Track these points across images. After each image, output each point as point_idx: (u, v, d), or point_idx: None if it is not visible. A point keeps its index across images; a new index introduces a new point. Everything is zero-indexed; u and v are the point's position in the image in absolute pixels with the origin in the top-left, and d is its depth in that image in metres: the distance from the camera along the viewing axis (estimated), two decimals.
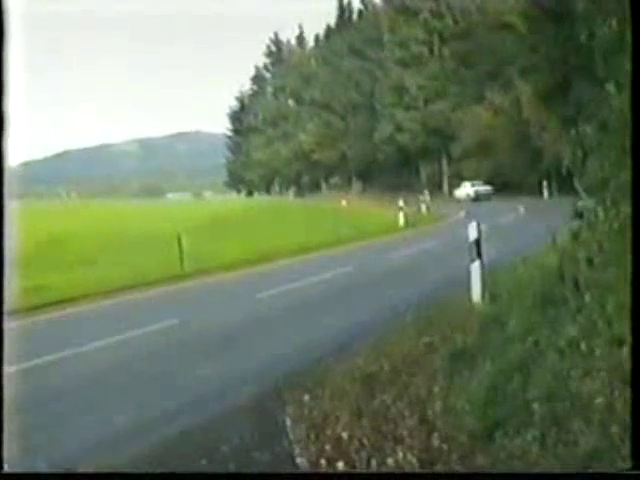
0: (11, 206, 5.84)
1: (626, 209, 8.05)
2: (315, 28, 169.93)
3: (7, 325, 6.00)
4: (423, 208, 54.51)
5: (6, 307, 5.72)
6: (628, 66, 8.14)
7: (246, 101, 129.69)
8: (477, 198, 67.48)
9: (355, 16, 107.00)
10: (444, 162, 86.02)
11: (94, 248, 35.93)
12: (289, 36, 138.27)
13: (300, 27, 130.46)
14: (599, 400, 6.35)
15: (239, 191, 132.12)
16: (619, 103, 8.74)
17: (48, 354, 13.70)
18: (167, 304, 20.94)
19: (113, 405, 10.84)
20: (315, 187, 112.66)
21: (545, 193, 63.18)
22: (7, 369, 6.08)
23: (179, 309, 19.08)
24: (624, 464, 5.46)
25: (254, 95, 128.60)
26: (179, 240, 27.71)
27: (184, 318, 17.40)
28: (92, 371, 13.16)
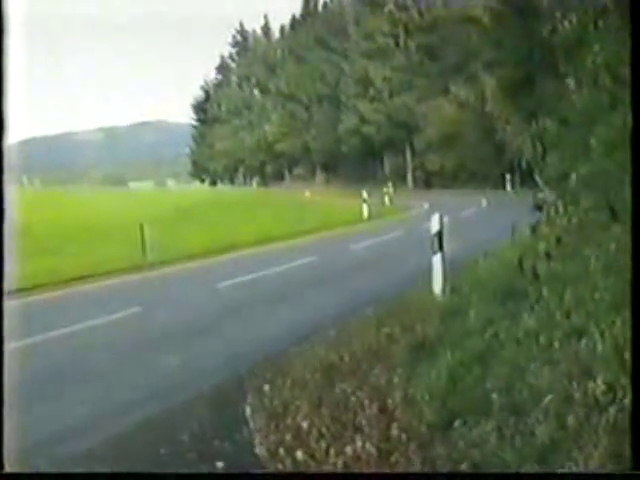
0: None
1: (585, 203, 8.14)
2: (280, 18, 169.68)
3: None
4: (387, 200, 54.59)
5: None
6: (589, 61, 8.25)
7: (211, 91, 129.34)
8: None
9: (320, 7, 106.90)
10: (408, 154, 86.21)
11: (56, 236, 35.69)
12: (255, 26, 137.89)
13: (265, 17, 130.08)
14: (556, 391, 6.42)
15: (203, 181, 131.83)
16: (579, 98, 8.83)
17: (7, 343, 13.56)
18: (128, 294, 20.87)
19: (73, 395, 10.82)
20: (279, 177, 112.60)
21: (508, 186, 63.52)
22: None
23: (140, 299, 19.00)
24: (580, 455, 5.53)
25: (219, 85, 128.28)
26: (141, 229, 27.57)
27: (145, 308, 17.37)
28: (51, 361, 13.11)
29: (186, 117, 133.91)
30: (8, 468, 5.19)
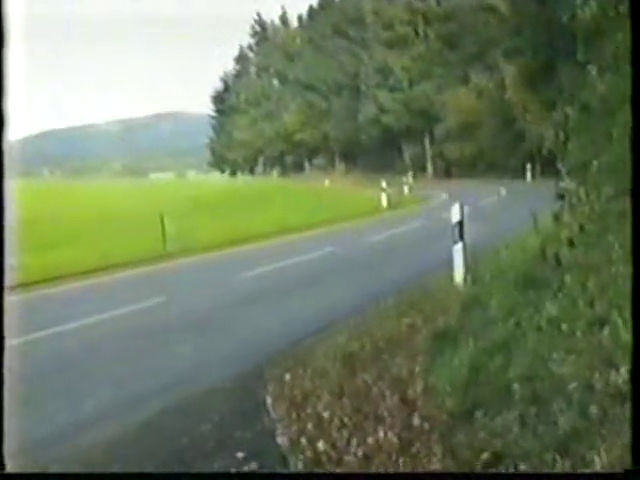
0: None
1: (607, 190, 8.08)
2: (299, 8, 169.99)
3: None
4: (406, 189, 54.48)
5: None
6: (610, 48, 8.18)
7: (230, 81, 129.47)
8: None
9: None
10: (427, 144, 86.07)
11: (77, 227, 35.87)
12: (273, 16, 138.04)
13: (283, 7, 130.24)
14: (579, 380, 6.38)
15: (223, 171, 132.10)
16: (601, 86, 8.77)
17: (33, 332, 13.61)
18: (148, 284, 20.92)
19: (97, 383, 10.87)
20: (299, 167, 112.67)
21: (528, 176, 63.33)
22: None
23: (159, 290, 19.00)
24: (603, 444, 5.50)
25: (238, 75, 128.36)
26: (161, 220, 27.66)
27: (163, 299, 17.40)
28: (75, 349, 13.16)
29: (205, 108, 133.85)
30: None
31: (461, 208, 14.77)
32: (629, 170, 4.68)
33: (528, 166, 63.11)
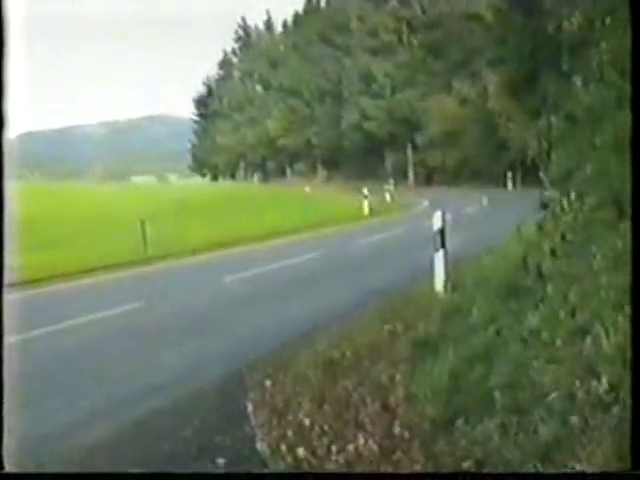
0: None
1: (591, 200, 8.10)
2: (284, 14, 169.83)
3: None
4: (387, 197, 54.47)
5: None
6: (595, 59, 8.22)
7: (213, 86, 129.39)
8: None
9: (323, 3, 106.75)
10: (409, 151, 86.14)
11: (57, 230, 35.69)
12: (257, 22, 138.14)
13: (268, 12, 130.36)
14: (560, 390, 6.38)
15: (204, 175, 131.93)
16: (585, 96, 8.79)
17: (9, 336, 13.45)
18: (126, 288, 20.86)
19: (75, 389, 10.79)
20: (280, 173, 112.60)
21: (509, 184, 63.52)
22: None
23: (137, 294, 18.89)
24: (583, 452, 5.49)
25: (221, 80, 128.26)
26: (142, 224, 27.56)
27: (142, 303, 17.31)
28: (54, 353, 13.08)
29: (189, 112, 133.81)
30: (8, 468, 5.14)
31: (442, 216, 14.76)
32: (612, 180, 4.70)
33: (509, 175, 63.30)
